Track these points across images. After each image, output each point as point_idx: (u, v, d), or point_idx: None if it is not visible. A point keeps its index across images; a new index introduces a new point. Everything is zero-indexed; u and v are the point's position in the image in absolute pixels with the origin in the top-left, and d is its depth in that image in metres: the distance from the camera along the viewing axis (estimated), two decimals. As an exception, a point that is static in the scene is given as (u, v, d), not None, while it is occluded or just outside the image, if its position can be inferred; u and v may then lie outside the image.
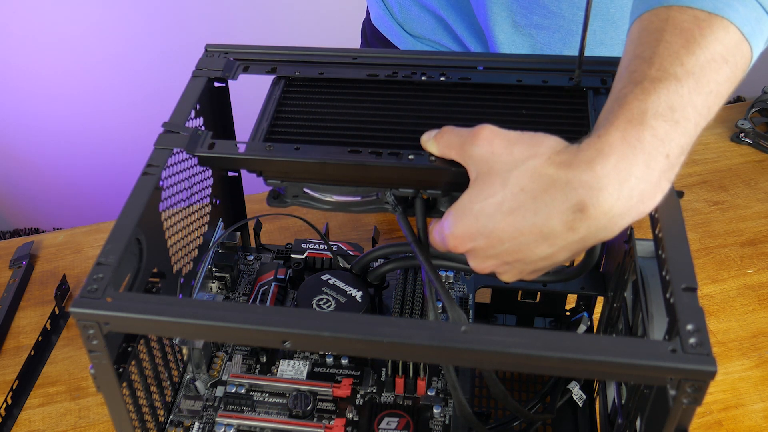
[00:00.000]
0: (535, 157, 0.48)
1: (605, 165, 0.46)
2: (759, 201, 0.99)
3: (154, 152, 0.58)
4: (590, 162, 0.47)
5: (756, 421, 0.74)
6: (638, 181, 0.47)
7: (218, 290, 0.73)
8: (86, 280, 0.48)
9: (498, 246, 0.50)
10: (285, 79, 0.66)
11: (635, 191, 0.47)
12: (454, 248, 0.53)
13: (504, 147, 0.50)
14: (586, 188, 0.46)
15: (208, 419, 0.63)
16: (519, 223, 0.48)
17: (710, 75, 0.49)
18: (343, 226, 0.96)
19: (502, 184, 0.49)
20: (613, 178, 0.46)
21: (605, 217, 0.47)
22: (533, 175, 0.48)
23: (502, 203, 0.49)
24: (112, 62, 1.78)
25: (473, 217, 0.50)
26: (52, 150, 1.92)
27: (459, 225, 0.51)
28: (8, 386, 0.77)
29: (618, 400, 0.60)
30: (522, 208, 0.48)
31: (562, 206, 0.47)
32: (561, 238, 0.48)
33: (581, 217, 0.47)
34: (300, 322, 0.46)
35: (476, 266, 0.53)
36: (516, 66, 0.65)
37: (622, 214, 0.47)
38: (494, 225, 0.49)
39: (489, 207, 0.49)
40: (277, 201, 0.63)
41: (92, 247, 0.95)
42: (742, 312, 0.85)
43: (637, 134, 0.47)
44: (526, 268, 0.52)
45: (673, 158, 0.48)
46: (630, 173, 0.46)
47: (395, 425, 0.62)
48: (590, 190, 0.46)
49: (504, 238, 0.49)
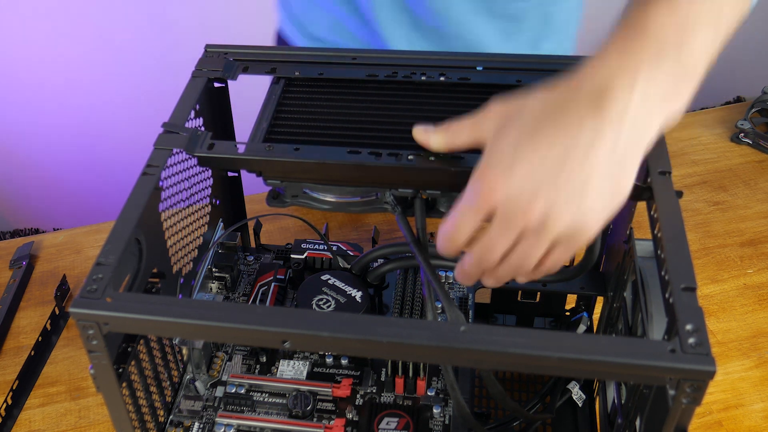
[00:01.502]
0: (544, 87, 0.50)
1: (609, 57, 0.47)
2: (759, 201, 0.99)
3: (154, 152, 0.58)
4: (596, 60, 0.48)
5: (756, 421, 0.74)
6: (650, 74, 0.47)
7: (218, 290, 0.73)
8: (86, 280, 0.48)
9: (537, 170, 0.46)
10: (285, 79, 0.66)
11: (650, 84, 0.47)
12: (484, 197, 0.48)
13: (515, 98, 0.50)
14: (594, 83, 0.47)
15: (208, 419, 0.63)
16: (545, 139, 0.47)
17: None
18: (343, 226, 0.96)
19: (518, 117, 0.49)
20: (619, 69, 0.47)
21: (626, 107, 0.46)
22: (545, 98, 0.49)
23: (522, 132, 0.48)
24: (111, 62, 1.78)
25: (497, 157, 0.48)
26: (52, 150, 1.92)
27: (485, 170, 0.48)
28: (8, 386, 0.77)
29: (618, 400, 0.60)
30: (543, 126, 0.47)
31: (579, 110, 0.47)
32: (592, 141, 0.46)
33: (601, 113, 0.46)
34: (300, 322, 0.46)
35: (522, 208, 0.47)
36: (516, 66, 0.65)
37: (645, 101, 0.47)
38: (522, 153, 0.47)
39: (511, 141, 0.48)
40: (276, 201, 0.63)
41: (92, 248, 0.95)
42: (742, 312, 0.85)
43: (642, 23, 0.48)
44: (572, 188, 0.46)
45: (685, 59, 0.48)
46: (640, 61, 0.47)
47: (395, 425, 0.62)
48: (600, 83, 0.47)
49: (535, 162, 0.47)
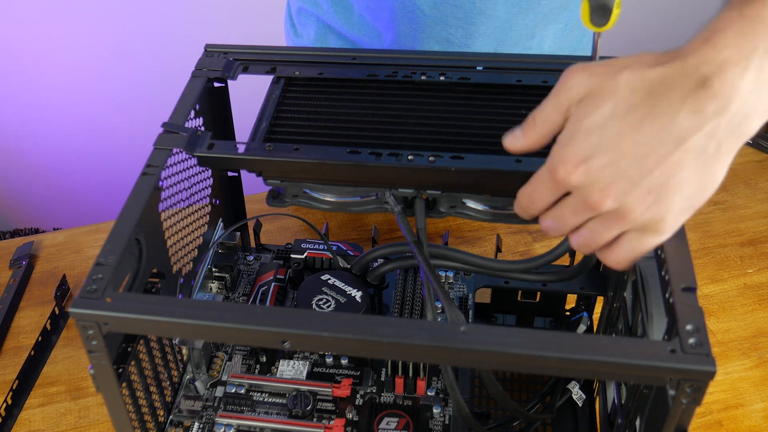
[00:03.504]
0: (639, 60, 0.44)
1: (723, 37, 0.42)
2: (759, 201, 0.99)
3: (154, 152, 0.58)
4: (705, 40, 0.42)
5: (756, 421, 0.74)
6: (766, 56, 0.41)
7: (218, 290, 0.73)
8: (86, 280, 0.48)
9: (620, 161, 0.43)
10: (285, 79, 0.66)
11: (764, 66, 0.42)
12: (565, 176, 0.45)
13: (598, 66, 0.45)
14: (706, 63, 0.41)
15: (207, 419, 0.63)
16: (637, 123, 0.42)
17: None
18: (343, 226, 0.96)
19: (610, 92, 0.43)
20: (735, 49, 0.41)
21: (735, 92, 0.41)
22: (643, 75, 0.43)
23: (614, 110, 0.43)
24: (111, 62, 1.78)
25: (583, 134, 0.44)
26: (52, 150, 1.92)
27: (567, 147, 0.44)
28: (8, 386, 0.77)
29: (618, 400, 0.60)
30: (638, 107, 0.43)
31: (682, 90, 0.42)
32: (687, 131, 0.42)
33: (706, 95, 0.41)
34: (300, 323, 0.46)
35: (597, 198, 0.44)
36: (516, 66, 0.65)
37: (753, 89, 0.42)
38: (609, 134, 0.43)
39: (600, 118, 0.43)
40: (276, 201, 0.63)
41: (92, 247, 0.95)
42: (742, 312, 0.85)
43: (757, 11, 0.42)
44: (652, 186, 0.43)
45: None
46: (755, 47, 0.41)
47: (395, 425, 0.62)
48: (710, 63, 0.41)
49: (623, 146, 0.43)
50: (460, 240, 0.92)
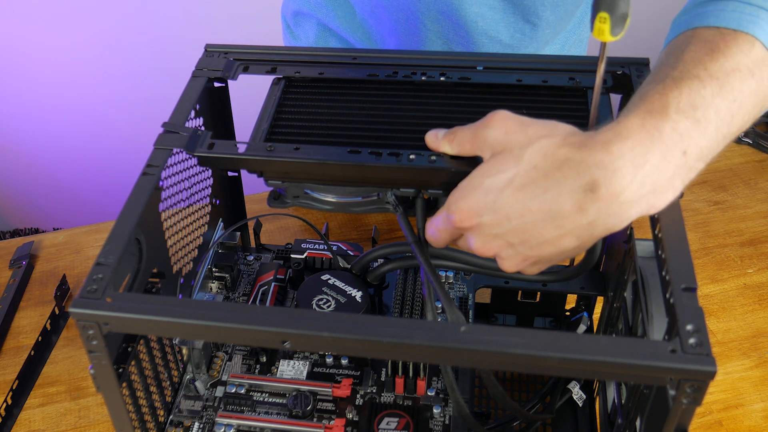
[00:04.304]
0: (550, 136, 0.48)
1: (621, 147, 0.46)
2: (759, 201, 0.99)
3: (154, 152, 0.58)
4: (606, 143, 0.46)
5: (756, 421, 0.74)
6: (653, 170, 0.46)
7: (218, 290, 0.73)
8: (86, 280, 0.48)
9: (504, 224, 0.49)
10: (285, 79, 0.66)
11: (648, 180, 0.46)
12: (458, 223, 0.51)
13: (518, 127, 0.49)
14: (599, 168, 0.46)
15: (207, 419, 0.63)
16: (528, 200, 0.47)
17: (734, 83, 0.49)
18: (343, 226, 0.96)
19: (515, 161, 0.48)
20: (628, 160, 0.45)
21: (616, 200, 0.46)
22: (547, 154, 0.47)
23: (513, 179, 0.48)
24: (112, 62, 1.78)
25: (482, 191, 0.49)
26: (52, 150, 1.92)
27: (467, 198, 0.50)
28: (8, 386, 0.77)
29: (618, 400, 0.60)
30: (533, 185, 0.47)
31: (573, 185, 0.46)
32: (569, 219, 0.47)
33: (592, 198, 0.46)
34: (300, 323, 0.46)
35: (479, 246, 0.52)
36: (516, 66, 0.65)
37: (632, 201, 0.46)
38: (503, 200, 0.48)
39: (499, 182, 0.49)
40: (278, 202, 0.63)
41: (92, 247, 0.95)
42: (742, 312, 0.85)
43: (656, 124, 0.46)
44: (530, 253, 0.50)
45: (690, 158, 0.47)
46: (645, 160, 0.46)
47: (395, 425, 0.62)
48: (604, 169, 0.45)
49: (512, 215, 0.48)
50: (460, 240, 0.92)
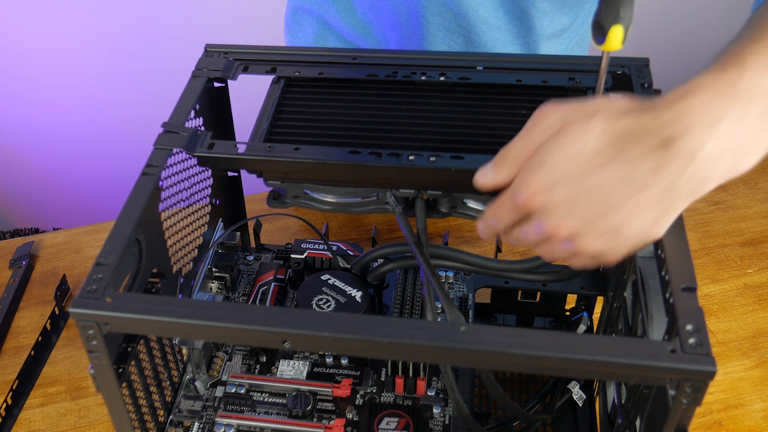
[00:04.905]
0: (614, 104, 0.45)
1: (693, 103, 0.43)
2: (759, 201, 0.99)
3: (154, 152, 0.58)
4: (674, 101, 0.43)
5: (756, 421, 0.74)
6: (730, 127, 0.42)
7: (218, 290, 0.73)
8: (86, 280, 0.48)
9: (580, 197, 0.45)
10: (285, 79, 0.66)
11: (727, 136, 0.43)
12: (527, 201, 0.46)
13: (574, 105, 0.46)
14: (671, 125, 0.43)
15: (207, 419, 0.63)
16: (600, 167, 0.44)
17: None
18: (343, 226, 0.96)
19: (581, 131, 0.45)
20: (702, 115, 0.42)
21: (695, 156, 0.43)
22: (615, 119, 0.44)
23: (582, 149, 0.44)
24: (112, 62, 1.78)
25: (550, 166, 0.45)
26: (52, 150, 1.92)
27: (534, 176, 0.46)
28: (8, 386, 0.77)
29: (618, 400, 0.60)
30: (603, 152, 0.44)
31: (647, 145, 0.43)
32: (647, 183, 0.43)
33: (667, 156, 0.43)
34: (300, 323, 0.46)
35: (553, 226, 0.46)
36: (516, 66, 0.65)
37: (713, 157, 0.43)
38: (574, 171, 0.44)
39: (568, 154, 0.45)
40: (277, 202, 0.63)
41: (92, 247, 0.95)
42: (742, 312, 0.85)
43: (731, 79, 0.43)
44: (607, 225, 0.45)
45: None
46: (721, 116, 0.42)
47: (395, 425, 0.62)
48: (678, 124, 0.43)
49: (587, 185, 0.44)
50: (460, 240, 0.92)
